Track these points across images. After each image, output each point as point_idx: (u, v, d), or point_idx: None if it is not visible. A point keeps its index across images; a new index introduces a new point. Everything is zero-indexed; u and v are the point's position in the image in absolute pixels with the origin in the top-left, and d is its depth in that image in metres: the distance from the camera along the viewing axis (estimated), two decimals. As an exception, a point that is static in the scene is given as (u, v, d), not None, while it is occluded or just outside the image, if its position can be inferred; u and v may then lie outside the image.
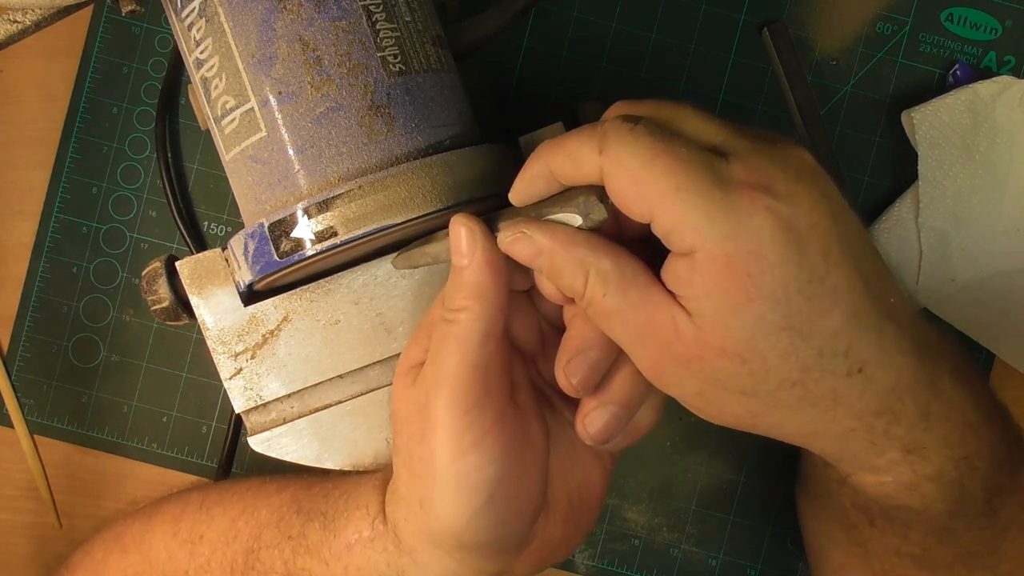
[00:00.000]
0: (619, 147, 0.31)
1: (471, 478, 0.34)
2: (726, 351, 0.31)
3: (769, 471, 0.53)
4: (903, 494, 0.35)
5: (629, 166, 0.31)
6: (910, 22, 0.52)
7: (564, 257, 0.33)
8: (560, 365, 0.35)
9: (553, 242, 0.33)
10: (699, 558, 0.53)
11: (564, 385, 0.35)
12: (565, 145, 0.33)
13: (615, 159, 0.31)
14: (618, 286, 0.32)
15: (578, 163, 0.32)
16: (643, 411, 0.37)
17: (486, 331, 0.34)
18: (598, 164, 0.32)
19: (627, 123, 0.32)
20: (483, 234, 0.35)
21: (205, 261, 0.41)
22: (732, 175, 0.31)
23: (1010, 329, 0.51)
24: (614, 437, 0.36)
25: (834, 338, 0.31)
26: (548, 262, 0.33)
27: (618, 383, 0.36)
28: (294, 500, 0.41)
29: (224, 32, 0.37)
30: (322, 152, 0.36)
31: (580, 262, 0.33)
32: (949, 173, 0.50)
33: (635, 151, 0.31)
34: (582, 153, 0.32)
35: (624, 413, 0.36)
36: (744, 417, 0.34)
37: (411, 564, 0.37)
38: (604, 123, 0.32)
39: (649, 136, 0.31)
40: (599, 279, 0.32)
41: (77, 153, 0.52)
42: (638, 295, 0.32)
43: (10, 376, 0.52)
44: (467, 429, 0.34)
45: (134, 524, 0.45)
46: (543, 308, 0.38)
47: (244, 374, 0.42)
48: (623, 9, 0.52)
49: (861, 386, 0.32)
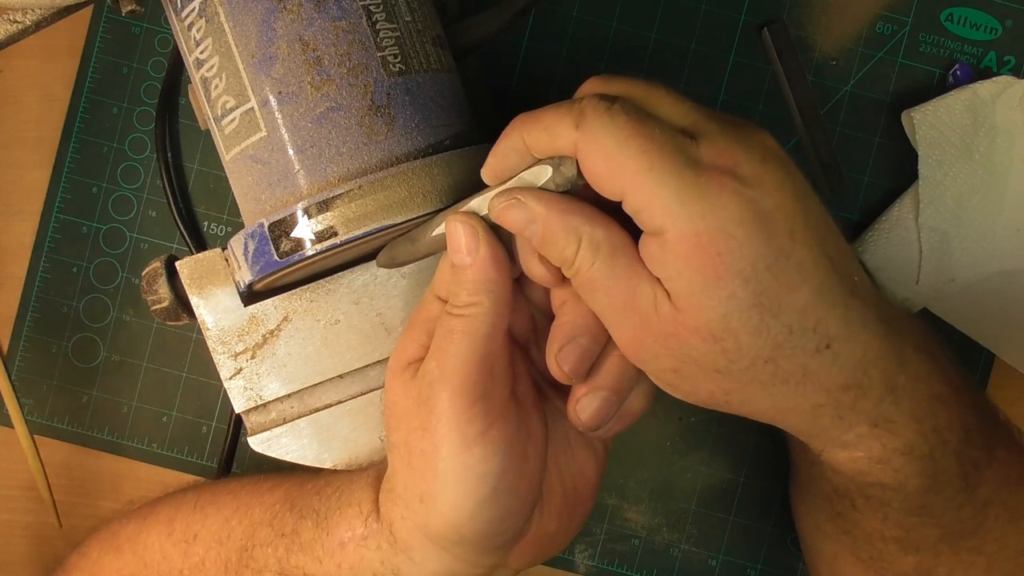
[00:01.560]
0: (595, 125, 0.32)
1: (475, 470, 0.34)
2: (700, 330, 0.32)
3: (769, 471, 0.53)
4: (875, 469, 0.36)
5: (604, 143, 0.32)
6: (910, 22, 0.52)
7: (558, 224, 0.33)
8: (551, 352, 0.36)
9: (548, 209, 0.33)
10: (699, 558, 0.53)
11: (556, 372, 0.36)
12: (541, 119, 0.33)
13: (591, 136, 0.32)
14: (608, 255, 0.33)
15: (553, 136, 0.33)
16: (633, 396, 0.37)
17: (494, 324, 0.35)
18: (573, 139, 0.32)
19: (604, 102, 0.32)
20: (485, 230, 0.35)
21: (205, 261, 0.41)
22: (701, 157, 0.32)
23: (1010, 329, 0.51)
24: (606, 423, 0.37)
25: (802, 314, 0.32)
26: (542, 228, 0.34)
27: (608, 368, 0.36)
28: (287, 498, 0.41)
29: (224, 32, 0.37)
30: (322, 152, 0.36)
31: (574, 229, 0.33)
32: (949, 173, 0.50)
33: (610, 130, 0.32)
34: (558, 127, 0.33)
35: (615, 398, 0.36)
36: (718, 394, 0.34)
37: (406, 561, 0.37)
38: (581, 100, 0.33)
39: (625, 116, 0.32)
40: (591, 247, 0.33)
41: (77, 153, 0.52)
42: (626, 266, 0.33)
43: (10, 376, 0.52)
44: (472, 421, 0.34)
45: (129, 524, 0.45)
46: (532, 297, 0.38)
47: (244, 374, 0.42)
48: (623, 9, 0.52)
49: (829, 361, 0.33)
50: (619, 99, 0.33)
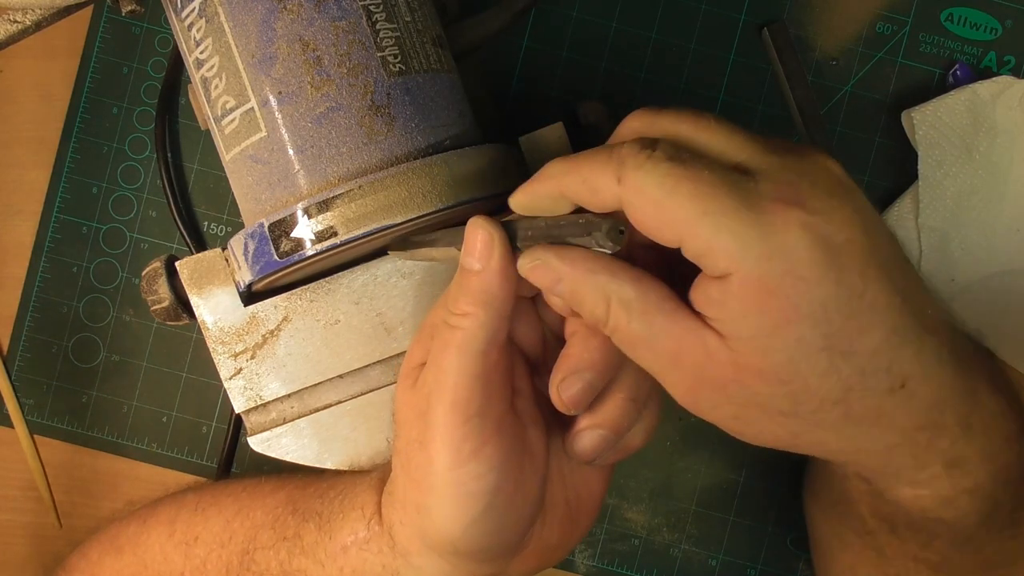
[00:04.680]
0: (639, 176, 0.30)
1: (469, 487, 0.33)
2: (764, 373, 0.30)
3: (769, 471, 0.53)
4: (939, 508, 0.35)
5: (651, 196, 0.30)
6: (910, 22, 0.52)
7: (584, 285, 0.32)
8: (554, 382, 0.35)
9: (573, 269, 0.32)
10: (699, 558, 0.53)
11: (556, 401, 0.35)
12: (579, 170, 0.32)
13: (635, 189, 0.30)
14: (643, 313, 0.31)
15: (595, 191, 0.31)
16: (633, 433, 0.37)
17: (489, 340, 0.34)
18: (616, 193, 0.31)
19: (645, 149, 0.30)
20: (502, 242, 0.34)
21: (205, 261, 0.41)
22: (761, 193, 0.30)
23: (1010, 329, 0.51)
24: (600, 457, 0.36)
25: (875, 355, 0.31)
26: (568, 289, 0.32)
27: (609, 407, 0.35)
28: (289, 500, 0.41)
29: (224, 32, 0.37)
30: (322, 152, 0.36)
31: (601, 290, 0.32)
32: (949, 173, 0.50)
33: (656, 179, 0.30)
34: (599, 182, 0.31)
35: (613, 437, 0.35)
36: (784, 437, 0.33)
37: (406, 566, 0.37)
38: (620, 148, 0.31)
39: (669, 162, 0.30)
40: (622, 307, 0.31)
41: (77, 153, 0.52)
42: (664, 321, 0.31)
43: (10, 376, 0.52)
44: (466, 438, 0.33)
45: (130, 526, 0.45)
46: (546, 317, 0.37)
47: (244, 374, 0.42)
48: (623, 9, 0.52)
49: (904, 402, 0.32)
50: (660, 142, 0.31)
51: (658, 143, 0.31)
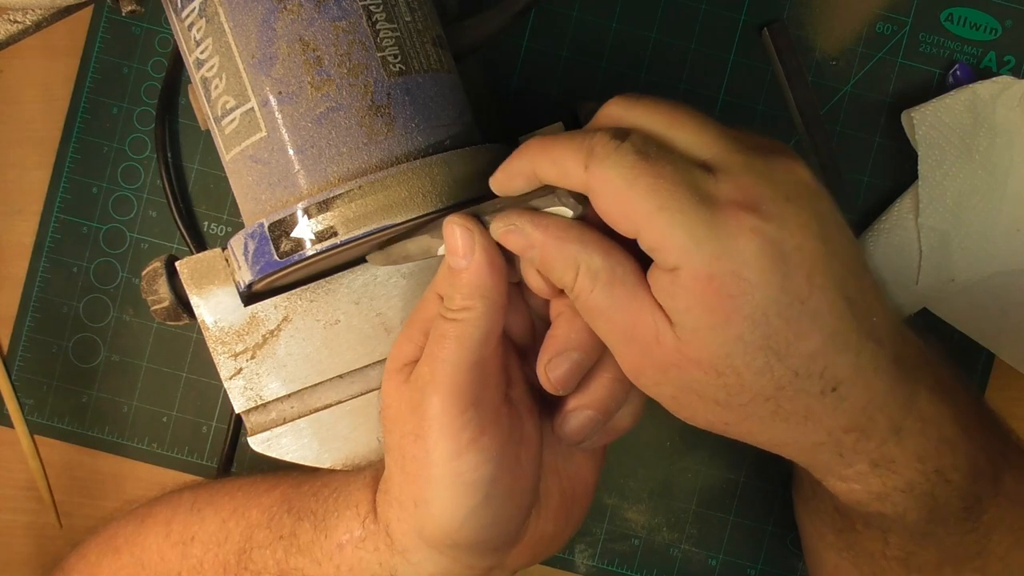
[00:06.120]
0: (604, 166, 0.31)
1: (467, 477, 0.34)
2: (702, 363, 0.32)
3: (769, 471, 0.53)
4: (874, 502, 0.36)
5: (613, 185, 0.31)
6: (910, 22, 0.52)
7: (555, 251, 0.33)
8: (542, 363, 0.35)
9: (544, 235, 0.33)
10: (699, 558, 0.53)
11: (544, 382, 0.35)
12: (552, 151, 0.33)
13: (600, 178, 0.31)
14: (607, 284, 0.33)
15: (564, 173, 0.33)
16: (621, 414, 0.37)
17: (488, 329, 0.34)
18: (583, 178, 0.32)
19: (614, 139, 0.32)
20: (482, 234, 0.35)
21: (205, 261, 0.41)
22: (719, 193, 0.31)
23: (1010, 329, 0.51)
24: (589, 438, 0.36)
25: (811, 359, 0.32)
26: (539, 255, 0.34)
27: (597, 387, 0.36)
28: (284, 499, 0.41)
29: (224, 32, 0.37)
30: (322, 152, 0.36)
31: (571, 257, 0.33)
32: (949, 173, 0.50)
33: (620, 172, 0.31)
34: (568, 165, 0.32)
35: (601, 417, 0.36)
36: (717, 424, 0.34)
37: (403, 563, 0.37)
38: (593, 135, 0.32)
39: (634, 154, 0.31)
40: (588, 275, 0.33)
41: (77, 153, 0.52)
42: (625, 295, 0.32)
43: (10, 376, 0.52)
44: (464, 427, 0.34)
45: (127, 526, 0.45)
46: (532, 302, 0.38)
47: (244, 374, 0.42)
48: (623, 9, 0.52)
49: (834, 404, 0.32)
50: (632, 133, 0.32)
51: (629, 135, 0.32)
